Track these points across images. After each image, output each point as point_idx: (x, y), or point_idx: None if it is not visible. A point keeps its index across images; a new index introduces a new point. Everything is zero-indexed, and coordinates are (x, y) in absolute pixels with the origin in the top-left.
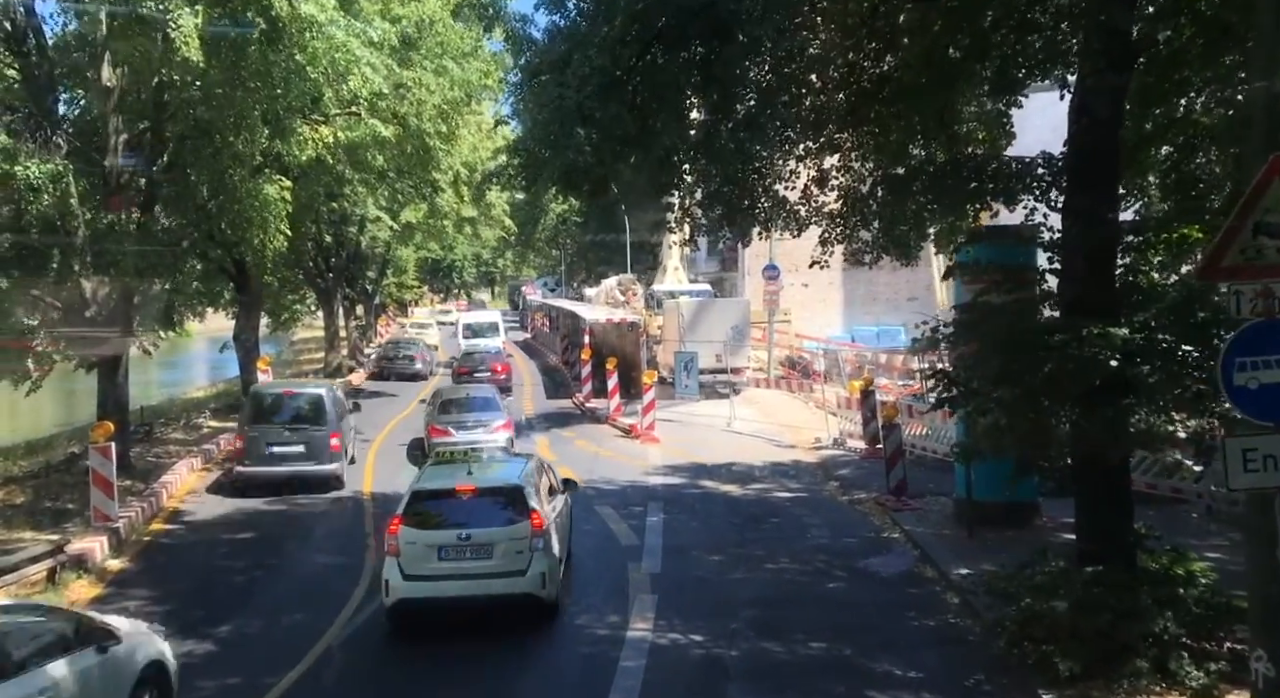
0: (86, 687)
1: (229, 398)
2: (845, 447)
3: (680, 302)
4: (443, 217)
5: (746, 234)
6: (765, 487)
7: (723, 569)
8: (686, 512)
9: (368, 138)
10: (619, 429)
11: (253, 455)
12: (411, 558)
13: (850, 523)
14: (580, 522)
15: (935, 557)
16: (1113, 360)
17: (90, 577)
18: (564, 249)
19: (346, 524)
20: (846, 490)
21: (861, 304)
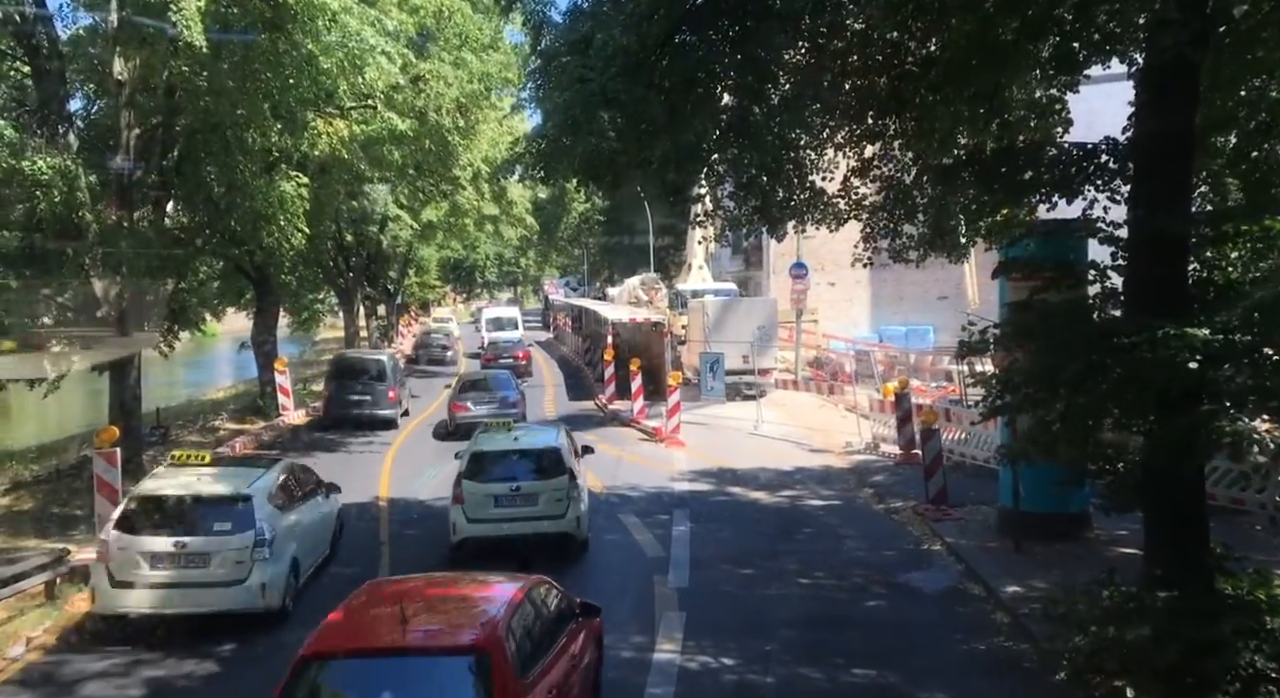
0: (327, 511)
1: (247, 399)
2: (878, 452)
3: (705, 301)
4: (463, 215)
5: (780, 229)
6: (796, 494)
7: (754, 584)
8: (714, 521)
9: (384, 132)
10: (643, 432)
11: (334, 401)
12: (473, 505)
13: (888, 534)
14: (603, 531)
15: (981, 572)
16: (1192, 363)
17: (91, 589)
18: (586, 248)
19: (361, 532)
20: (882, 498)
21: (889, 303)
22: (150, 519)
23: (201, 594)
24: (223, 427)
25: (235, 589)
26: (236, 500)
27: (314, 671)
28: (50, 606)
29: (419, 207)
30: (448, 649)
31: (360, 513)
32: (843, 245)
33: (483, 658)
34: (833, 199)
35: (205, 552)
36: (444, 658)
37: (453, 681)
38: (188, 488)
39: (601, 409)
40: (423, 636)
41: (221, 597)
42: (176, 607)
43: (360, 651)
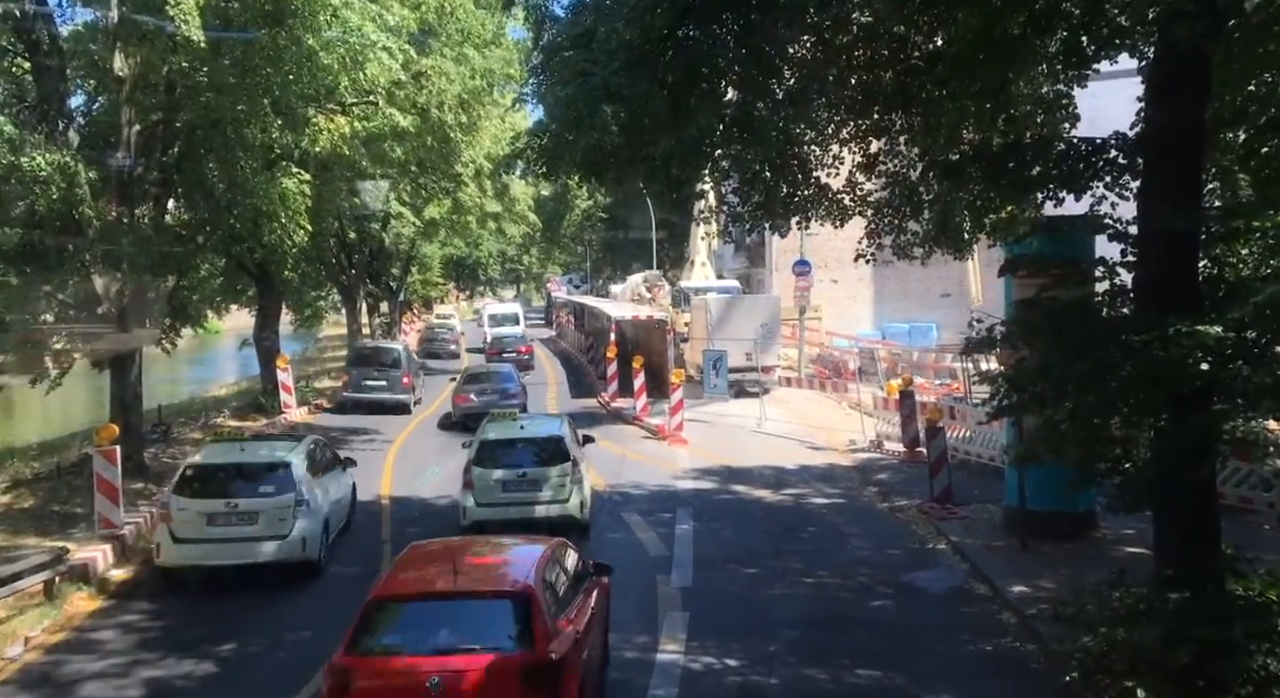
0: (346, 482)
1: (250, 396)
2: (882, 450)
3: (708, 298)
4: (466, 212)
5: (785, 225)
6: (800, 492)
7: (758, 584)
8: (718, 519)
9: (385, 129)
10: (646, 430)
11: (353, 386)
12: (482, 490)
13: (892, 533)
14: (606, 529)
15: (987, 572)
16: (1204, 363)
17: (91, 589)
18: (589, 245)
19: (363, 531)
20: (886, 497)
21: (892, 300)
22: (205, 485)
23: (251, 547)
24: (225, 424)
25: (280, 543)
26: (277, 467)
27: (381, 611)
28: (49, 605)
29: (421, 204)
30: (495, 593)
31: (362, 511)
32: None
33: (523, 600)
34: (837, 195)
35: (254, 511)
36: (492, 600)
37: (499, 618)
38: (234, 458)
39: (604, 407)
40: (473, 582)
41: (268, 549)
42: (230, 558)
43: (422, 594)
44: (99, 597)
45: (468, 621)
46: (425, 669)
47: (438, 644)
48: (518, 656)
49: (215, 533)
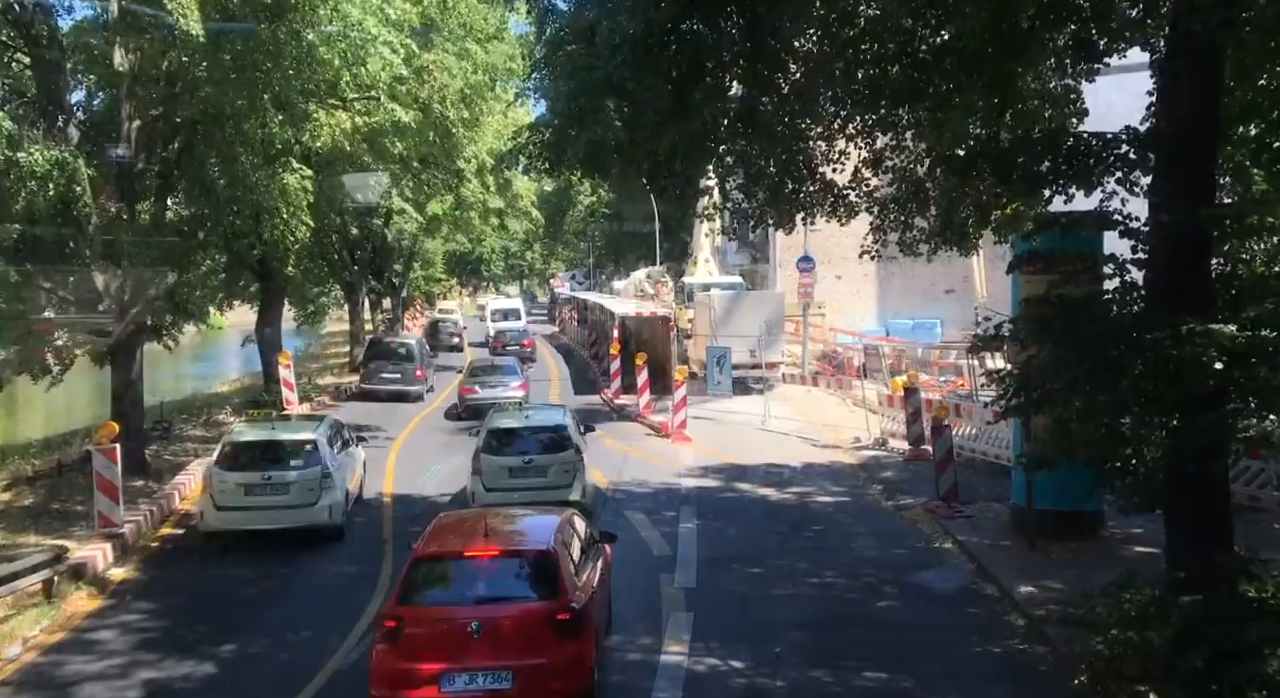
0: (357, 457)
1: (252, 392)
2: (887, 447)
3: (712, 295)
4: (468, 208)
5: (790, 222)
6: (805, 490)
7: (763, 584)
8: (722, 518)
9: (387, 124)
10: (649, 427)
11: (370, 378)
12: (491, 476)
13: (898, 532)
14: (609, 528)
15: (994, 572)
16: (1218, 362)
17: (90, 588)
18: (592, 242)
19: (364, 529)
20: (891, 495)
21: (896, 297)
22: (242, 459)
23: (283, 514)
24: (227, 421)
25: (308, 510)
26: (305, 444)
27: (425, 568)
28: (48, 605)
29: (424, 200)
30: (524, 552)
31: (363, 510)
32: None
33: (548, 558)
34: (843, 191)
35: (286, 482)
36: (521, 558)
37: (528, 573)
38: (268, 435)
39: (607, 404)
40: (503, 543)
41: (298, 516)
42: (265, 524)
43: (460, 553)
44: (98, 596)
45: (500, 576)
46: (466, 616)
47: (476, 595)
48: (547, 604)
49: (252, 502)
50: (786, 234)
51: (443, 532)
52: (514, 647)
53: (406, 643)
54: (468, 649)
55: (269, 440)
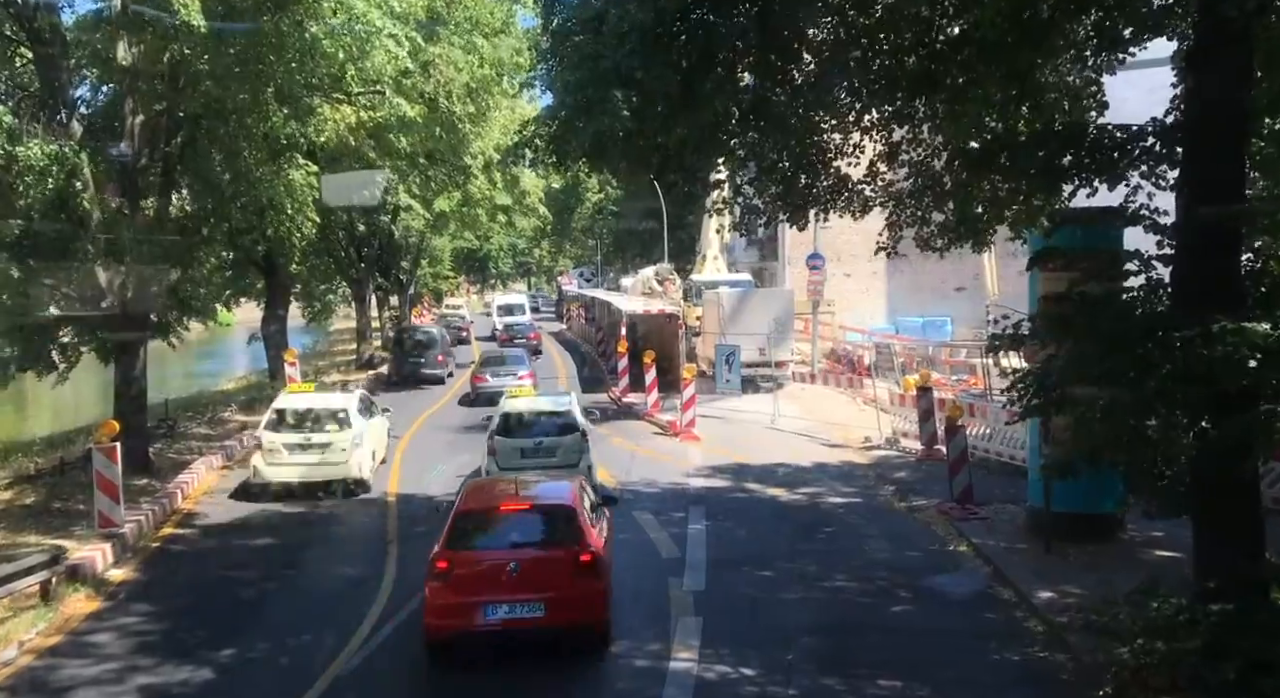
0: (384, 425)
1: (258, 391)
2: (899, 447)
3: (720, 292)
4: (476, 204)
5: (803, 217)
6: (815, 491)
7: (774, 588)
8: (731, 519)
9: (392, 119)
10: (657, 426)
11: (398, 363)
12: (504, 456)
13: (911, 534)
14: (617, 529)
15: (1011, 576)
16: (1251, 360)
17: (89, 590)
18: (600, 239)
19: (368, 530)
20: (904, 496)
21: (906, 294)
22: (287, 422)
23: (321, 469)
24: (232, 419)
25: (342, 465)
26: (338, 411)
27: (468, 519)
28: (45, 607)
29: (431, 196)
30: (550, 507)
31: (366, 511)
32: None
33: (571, 510)
34: (858, 186)
35: (323, 443)
36: (547, 512)
37: (554, 525)
38: (307, 404)
39: (615, 402)
40: (532, 499)
41: (333, 470)
42: (307, 477)
43: (496, 508)
44: (97, 598)
45: (530, 527)
46: (505, 558)
47: (512, 541)
48: (571, 549)
49: (295, 459)
50: (799, 230)
51: (478, 491)
52: (544, 583)
53: (455, 581)
54: (506, 585)
55: (309, 407)
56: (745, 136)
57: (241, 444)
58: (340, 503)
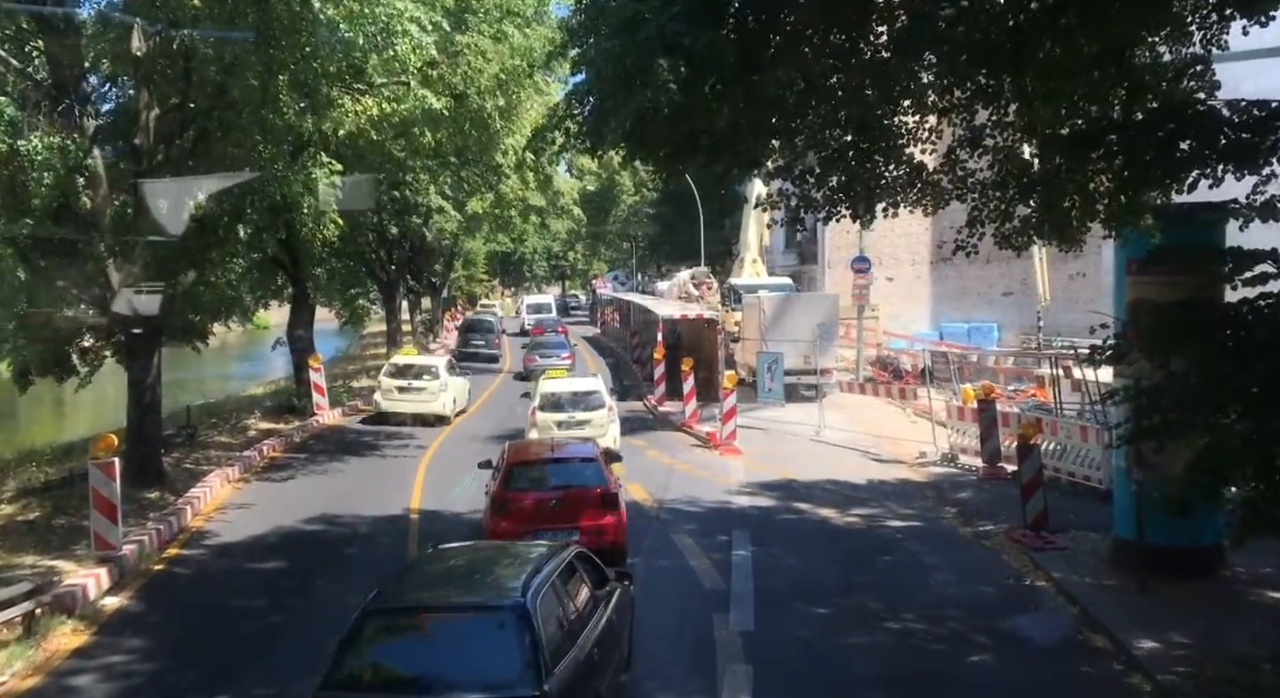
0: (464, 381)
1: (285, 396)
2: (957, 464)
3: (762, 296)
4: (508, 205)
5: (868, 212)
6: (870, 512)
7: (832, 629)
8: (780, 543)
9: (417, 112)
10: (695, 438)
11: (462, 345)
12: (543, 429)
13: (981, 565)
14: (655, 555)
15: (1103, 619)
16: None
17: (77, 622)
18: (635, 241)
19: (387, 553)
20: (969, 521)
21: (951, 299)
22: (399, 373)
23: (417, 405)
24: (254, 427)
25: (433, 404)
26: (432, 367)
27: (518, 467)
28: (27, 642)
29: (464, 198)
30: (580, 458)
31: (386, 530)
32: (903, 238)
33: (596, 460)
34: (934, 175)
35: (421, 387)
36: (578, 462)
37: (584, 471)
38: (411, 362)
39: (650, 411)
40: (566, 454)
41: (426, 407)
42: (410, 410)
43: (537, 459)
44: (85, 631)
45: (565, 473)
46: (547, 496)
47: (552, 484)
48: (598, 488)
49: (402, 397)
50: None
51: (518, 450)
52: (577, 514)
53: (511, 513)
54: (549, 516)
55: (411, 364)
56: (807, 117)
57: (261, 455)
58: (361, 518)
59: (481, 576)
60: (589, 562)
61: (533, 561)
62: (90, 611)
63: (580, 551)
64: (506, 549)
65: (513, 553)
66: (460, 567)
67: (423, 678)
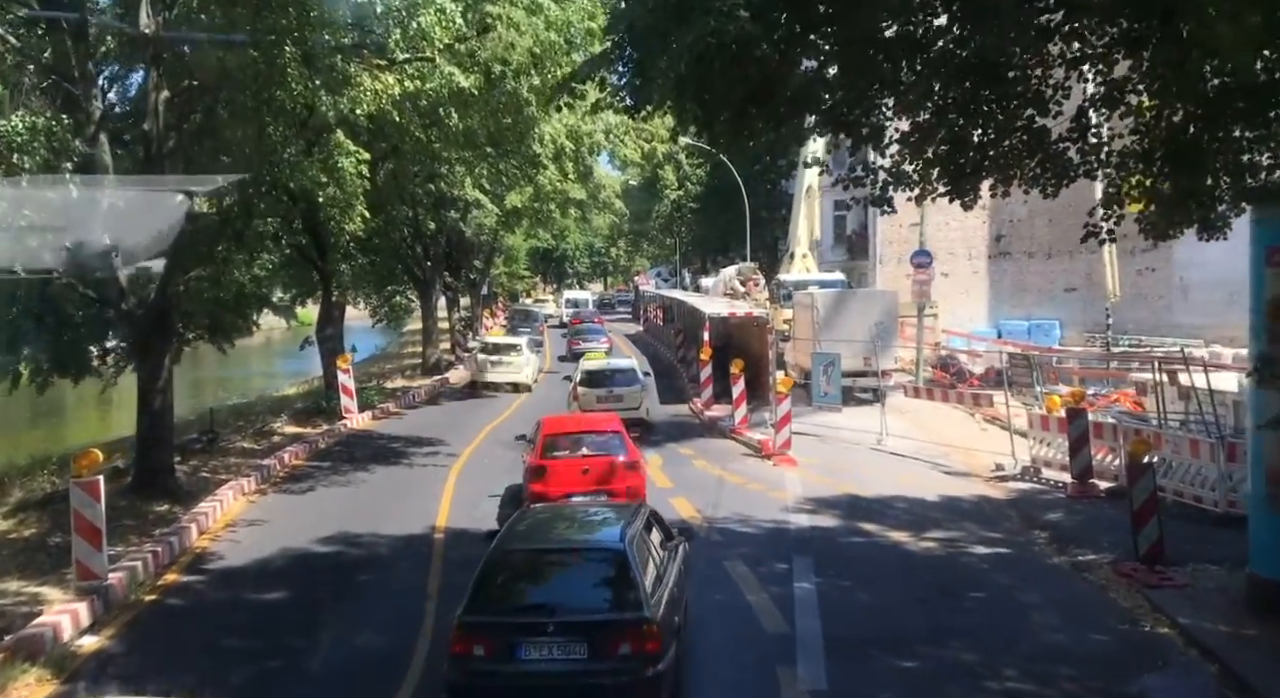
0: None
1: (315, 397)
2: (1039, 479)
3: (815, 293)
4: (547, 198)
5: (971, 189)
6: (948, 536)
7: (920, 687)
8: (849, 574)
9: (444, 91)
10: (746, 446)
11: (512, 330)
12: (585, 401)
13: (1087, 605)
14: (707, 587)
15: (1253, 681)
16: None
17: (42, 671)
18: (678, 237)
19: (406, 581)
20: (1064, 548)
21: (1010, 296)
22: (491, 348)
23: (506, 374)
24: (279, 431)
25: (520, 374)
26: (515, 344)
27: (554, 437)
28: None
29: (502, 191)
30: (607, 431)
31: (407, 553)
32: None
33: (620, 433)
34: (1059, 144)
35: (510, 361)
36: (605, 434)
37: (611, 441)
38: (501, 340)
39: (697, 416)
40: (595, 426)
41: (516, 375)
42: (503, 379)
43: (572, 431)
44: (51, 680)
45: (594, 443)
46: (580, 464)
47: (583, 452)
48: (623, 456)
49: (494, 370)
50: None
51: (554, 423)
52: (606, 478)
53: (547, 477)
54: (581, 480)
55: (501, 342)
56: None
57: (281, 463)
58: (380, 540)
59: (580, 527)
60: (660, 519)
61: (621, 515)
62: (60, 654)
63: (653, 509)
64: (588, 508)
65: (596, 511)
66: (559, 521)
67: (548, 604)
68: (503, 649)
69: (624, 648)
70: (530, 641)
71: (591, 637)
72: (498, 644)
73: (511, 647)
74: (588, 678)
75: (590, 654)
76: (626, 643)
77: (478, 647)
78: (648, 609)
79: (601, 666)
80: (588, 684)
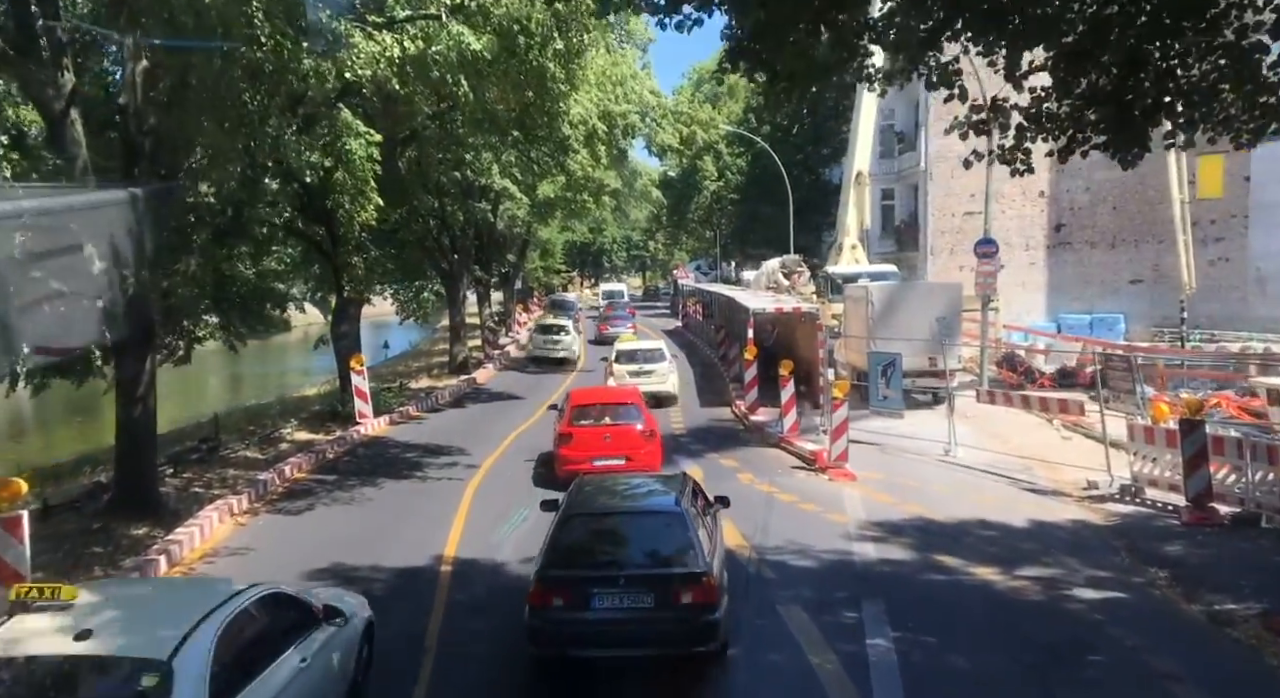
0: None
1: (333, 399)
2: (1143, 499)
3: (869, 286)
4: (580, 187)
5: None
6: (1046, 575)
7: None
8: (932, 626)
9: (452, 54)
10: (798, 457)
11: (549, 316)
12: (619, 376)
13: (1239, 677)
14: (759, 640)
15: None
16: None
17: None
18: (719, 229)
19: (401, 627)
20: (1192, 592)
21: (1071, 288)
22: (542, 329)
23: (557, 352)
24: (288, 437)
25: (567, 352)
26: (565, 325)
27: (581, 406)
28: None
29: (534, 180)
30: (628, 402)
31: (406, 589)
32: (1014, 221)
33: (639, 405)
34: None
35: (559, 340)
36: (626, 405)
37: (630, 412)
38: (550, 321)
39: (740, 420)
40: (618, 398)
41: (564, 352)
42: (549, 353)
43: (597, 402)
44: None
45: (616, 413)
46: (603, 432)
47: (606, 421)
48: (641, 425)
49: (546, 345)
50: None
51: (580, 395)
52: (626, 446)
53: (574, 443)
54: (603, 447)
55: (552, 322)
56: None
57: (281, 477)
58: (379, 572)
59: (635, 493)
60: (700, 489)
61: (670, 485)
62: None
63: (694, 480)
64: (635, 477)
65: (644, 479)
66: (615, 489)
67: (618, 559)
68: (579, 599)
69: (686, 597)
70: (604, 591)
71: (657, 589)
72: (574, 595)
73: (587, 597)
74: (655, 625)
75: (656, 604)
76: (689, 593)
77: (556, 598)
78: (704, 564)
79: (666, 614)
80: (655, 630)
